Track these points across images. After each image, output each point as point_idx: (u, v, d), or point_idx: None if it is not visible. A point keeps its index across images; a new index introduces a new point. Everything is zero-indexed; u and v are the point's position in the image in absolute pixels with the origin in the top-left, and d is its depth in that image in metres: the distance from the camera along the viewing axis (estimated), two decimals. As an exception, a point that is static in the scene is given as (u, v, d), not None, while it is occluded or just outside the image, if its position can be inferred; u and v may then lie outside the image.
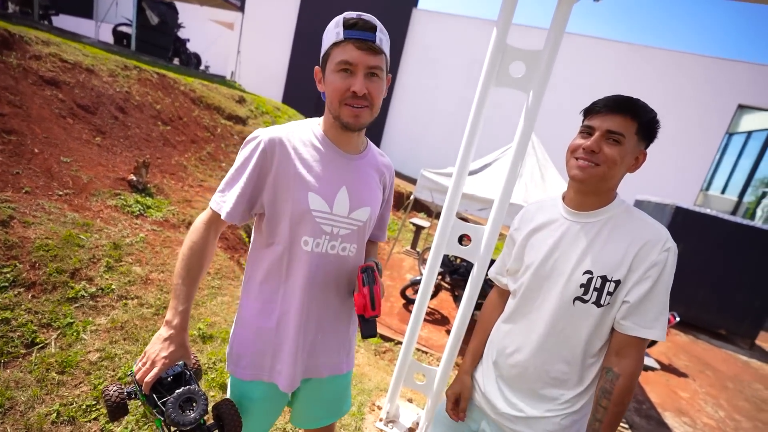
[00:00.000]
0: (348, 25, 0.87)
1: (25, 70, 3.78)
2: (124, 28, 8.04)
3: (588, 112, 1.01)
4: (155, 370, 0.83)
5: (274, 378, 1.02)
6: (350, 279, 1.07)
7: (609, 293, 0.96)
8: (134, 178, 3.44)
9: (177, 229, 3.26)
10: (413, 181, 9.88)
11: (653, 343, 5.00)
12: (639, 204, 8.16)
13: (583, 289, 0.98)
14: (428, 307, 5.16)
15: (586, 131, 0.99)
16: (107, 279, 2.29)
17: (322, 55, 0.94)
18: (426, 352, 3.98)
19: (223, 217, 0.93)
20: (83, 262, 2.28)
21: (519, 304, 1.11)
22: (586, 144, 0.97)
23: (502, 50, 1.50)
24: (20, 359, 1.71)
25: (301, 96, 13.97)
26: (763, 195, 11.69)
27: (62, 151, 3.25)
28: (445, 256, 4.70)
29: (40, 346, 1.78)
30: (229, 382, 1.10)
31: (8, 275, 1.98)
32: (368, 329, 0.97)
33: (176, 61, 8.98)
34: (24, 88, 3.56)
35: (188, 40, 9.32)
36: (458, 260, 4.79)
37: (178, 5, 9.13)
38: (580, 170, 0.98)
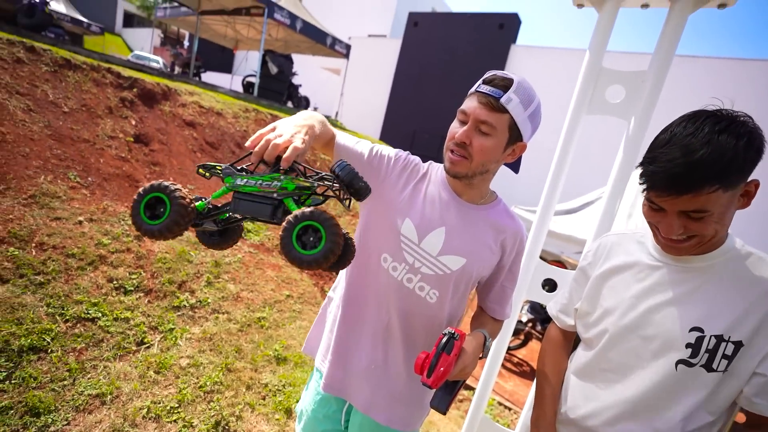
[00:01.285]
0: (485, 81, 0.89)
1: (174, 115, 4.67)
2: (250, 79, 9.53)
3: (647, 186, 0.78)
4: (298, 141, 0.67)
5: (322, 370, 1.06)
6: (428, 329, 0.99)
7: (726, 357, 0.76)
8: (241, 205, 3.91)
9: (270, 252, 3.55)
10: (504, 218, 9.39)
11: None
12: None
13: (690, 350, 0.78)
14: (517, 357, 4.68)
15: (656, 207, 0.79)
16: (206, 293, 2.56)
17: None
18: (509, 408, 3.55)
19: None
20: (189, 276, 2.60)
21: (597, 359, 0.91)
22: (663, 231, 0.79)
23: (597, 73, 1.34)
24: (131, 355, 1.97)
25: (398, 133, 14.64)
26: None
27: (189, 180, 3.87)
28: (537, 303, 4.26)
29: (147, 345, 2.04)
30: None
31: (134, 281, 2.35)
32: (437, 398, 0.85)
33: (290, 104, 10.26)
34: (170, 129, 4.38)
35: (300, 85, 10.60)
36: (551, 291, 4.28)
37: (295, 56, 10.54)
38: (673, 250, 0.82)
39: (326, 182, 0.66)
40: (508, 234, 0.99)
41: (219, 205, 0.69)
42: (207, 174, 0.68)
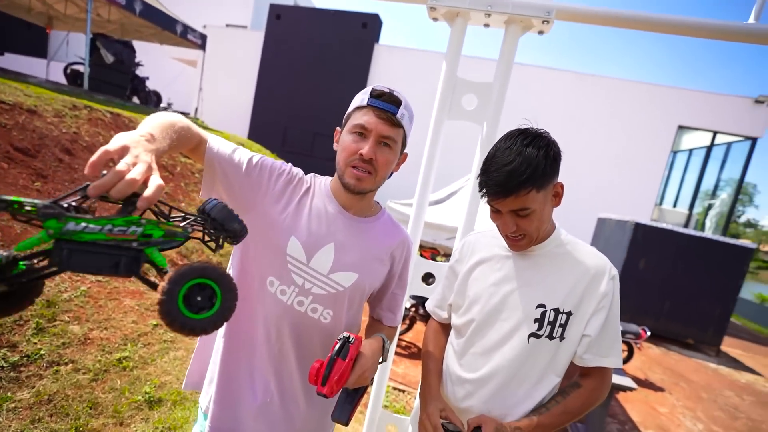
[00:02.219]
0: (374, 95, 0.89)
1: (-45, 113, 3.50)
2: (77, 67, 7.78)
3: (487, 195, 0.95)
4: (158, 178, 0.52)
5: (207, 412, 0.94)
6: (325, 349, 0.94)
7: (561, 325, 0.96)
8: (78, 225, 3.17)
9: (127, 278, 2.99)
10: (383, 210, 9.84)
11: (627, 360, 5.04)
12: (602, 222, 8.48)
13: (537, 324, 0.96)
14: (405, 341, 4.99)
15: (495, 210, 0.97)
16: (35, 344, 2.02)
17: (345, 115, 0.96)
18: (403, 390, 3.78)
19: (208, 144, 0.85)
20: (5, 326, 2.01)
21: (466, 345, 1.05)
22: (504, 229, 0.98)
23: (453, 83, 1.49)
24: None
25: (267, 132, 13.92)
26: (709, 207, 12.52)
27: (-7, 200, 2.96)
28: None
29: (-59, 435, 1.50)
30: None
31: None
32: (337, 410, 0.81)
33: (135, 99, 8.74)
34: (-48, 132, 3.27)
35: (147, 78, 9.13)
36: (429, 284, 4.69)
37: (137, 44, 9.00)
38: (514, 246, 1.00)
39: (196, 226, 0.55)
40: (395, 244, 1.02)
41: (23, 257, 0.46)
42: (9, 210, 0.43)
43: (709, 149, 11.79)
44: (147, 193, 0.48)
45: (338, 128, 0.99)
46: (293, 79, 14.01)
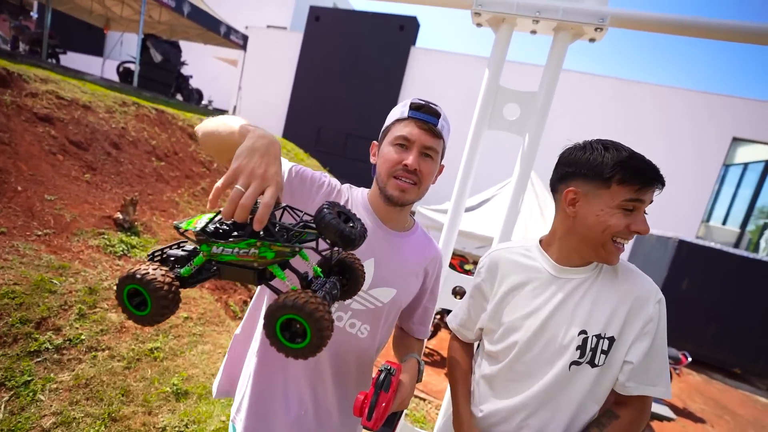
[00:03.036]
0: (414, 107, 0.89)
1: (19, 107, 3.77)
2: (128, 65, 8.23)
3: (635, 182, 0.85)
4: (272, 190, 0.55)
5: (238, 425, 0.93)
6: (360, 365, 0.97)
7: (603, 352, 0.89)
8: (120, 216, 3.34)
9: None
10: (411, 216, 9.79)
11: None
12: (640, 238, 8.03)
13: (579, 351, 0.90)
14: (428, 348, 4.91)
15: (633, 206, 0.87)
16: (77, 328, 2.12)
17: (382, 130, 0.95)
18: (424, 399, 3.71)
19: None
20: (52, 310, 2.12)
21: (504, 372, 0.99)
22: (639, 227, 0.87)
23: (495, 92, 1.43)
24: (-35, 426, 1.53)
25: (302, 131, 14.20)
26: (765, 226, 11.57)
27: (47, 189, 3.17)
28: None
29: (-11, 410, 1.60)
30: None
31: (-34, 327, 1.82)
32: None
33: (179, 97, 9.15)
34: (15, 125, 3.53)
35: (191, 76, 9.53)
36: (457, 297, 4.60)
37: (183, 43, 9.42)
38: (618, 254, 0.91)
39: (310, 237, 0.59)
40: (429, 259, 1.01)
41: (204, 266, 0.59)
42: (182, 233, 0.59)
43: (767, 164, 10.91)
44: (257, 215, 0.53)
45: (374, 142, 0.98)
46: (329, 80, 14.22)
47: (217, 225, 0.57)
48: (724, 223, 12.31)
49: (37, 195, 3.04)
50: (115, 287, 0.52)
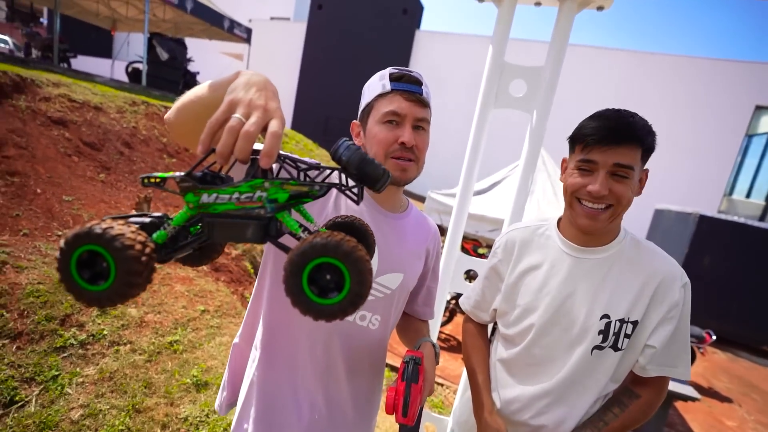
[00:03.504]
0: (395, 78, 0.84)
1: (34, 112, 3.85)
2: (136, 65, 8.32)
3: (582, 142, 0.86)
4: (278, 121, 0.45)
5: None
6: (373, 358, 0.93)
7: (626, 336, 0.87)
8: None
9: (177, 264, 3.17)
10: (422, 201, 9.76)
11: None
12: (659, 213, 7.81)
13: (601, 336, 0.87)
14: (444, 333, 4.93)
15: (586, 167, 0.85)
16: (99, 324, 2.19)
17: (362, 108, 0.89)
18: (441, 384, 3.74)
19: None
20: (75, 307, 2.19)
21: (521, 356, 0.97)
22: (593, 188, 0.83)
23: (500, 68, 1.38)
24: (-1, 420, 1.60)
25: (310, 121, 14.19)
26: (793, 198, 11.12)
27: (65, 190, 3.25)
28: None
29: (20, 404, 1.67)
30: None
31: (-5, 325, 1.90)
32: (407, 428, 0.78)
33: (186, 94, 9.21)
34: (31, 129, 3.61)
35: (198, 73, 9.57)
36: (471, 281, 4.57)
37: (188, 40, 9.45)
38: (590, 218, 0.85)
39: (331, 178, 0.49)
40: (429, 238, 0.98)
41: (187, 226, 0.47)
42: (157, 185, 0.46)
43: (794, 133, 10.43)
44: (265, 147, 0.42)
45: (355, 122, 0.92)
46: (334, 68, 14.12)
47: (203, 172, 0.45)
48: (747, 196, 11.87)
49: (56, 196, 3.12)
50: (57, 252, 0.38)
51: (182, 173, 0.43)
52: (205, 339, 2.52)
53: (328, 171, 0.51)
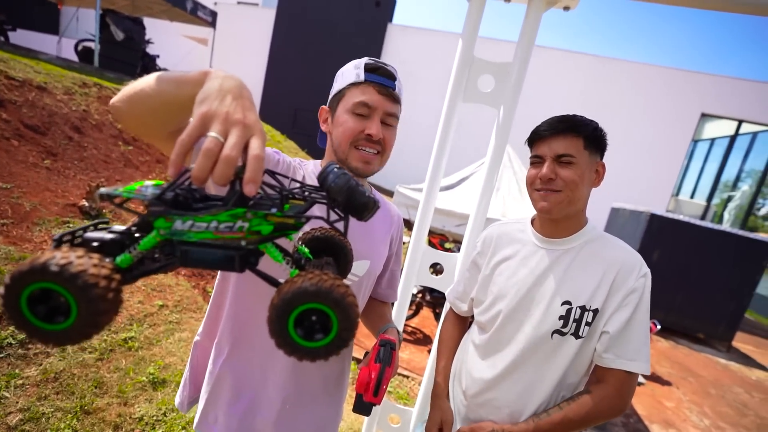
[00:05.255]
0: (369, 69, 0.84)
1: (-36, 89, 3.49)
2: (87, 44, 7.72)
3: (532, 141, 0.98)
4: (260, 139, 0.40)
5: (209, 429, 0.86)
6: None
7: (587, 323, 0.90)
8: (86, 204, 3.18)
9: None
10: (390, 195, 9.78)
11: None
12: (615, 212, 8.28)
13: (562, 321, 0.91)
14: (409, 326, 4.98)
15: (537, 161, 0.96)
16: (43, 321, 2.03)
17: (333, 94, 0.88)
18: (407, 376, 3.78)
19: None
20: (14, 304, 2.02)
21: (491, 340, 1.02)
22: (541, 173, 0.93)
23: (469, 62, 1.39)
24: (-76, 427, 1.45)
25: (278, 112, 13.80)
26: (729, 199, 12.14)
27: (2, 177, 2.97)
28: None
29: (-52, 410, 1.52)
30: None
31: None
32: (361, 408, 0.80)
33: (144, 77, 8.67)
34: (-39, 108, 3.27)
35: (158, 56, 9.03)
36: (437, 275, 4.65)
37: (147, 21, 8.88)
38: (544, 200, 0.94)
39: (318, 200, 0.46)
40: (393, 224, 1.00)
41: (153, 247, 0.41)
42: (119, 206, 0.40)
43: (732, 138, 11.35)
44: (247, 174, 0.37)
45: (324, 107, 0.92)
46: (304, 59, 13.79)
47: (176, 192, 0.40)
48: (692, 196, 12.85)
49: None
50: (1, 288, 0.32)
51: (151, 191, 0.38)
52: (163, 335, 2.40)
53: (317, 198, 0.46)
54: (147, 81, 0.57)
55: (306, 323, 0.38)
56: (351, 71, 0.85)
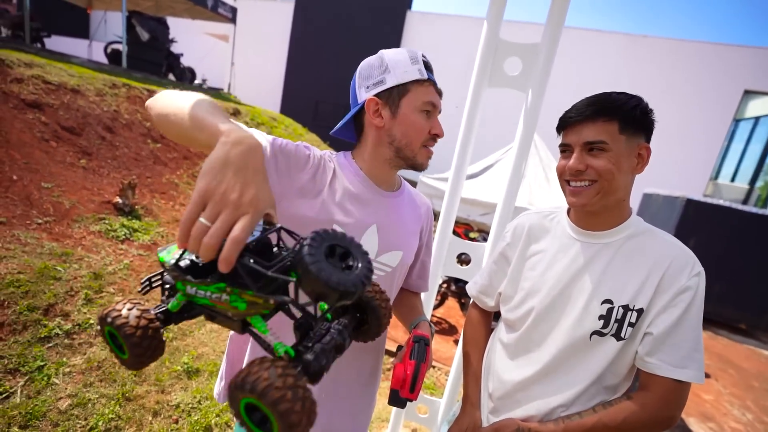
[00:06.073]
0: (427, 66, 0.86)
1: (6, 94, 3.68)
2: (116, 46, 7.98)
3: (561, 128, 0.89)
4: (246, 221, 0.41)
5: None
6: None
7: (631, 324, 0.82)
8: (120, 201, 3.31)
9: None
10: (414, 185, 9.71)
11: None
12: (648, 198, 7.92)
13: (602, 321, 0.83)
14: (435, 316, 4.97)
15: (566, 150, 0.88)
16: (85, 313, 2.14)
17: (391, 86, 0.83)
18: (434, 366, 3.78)
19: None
20: (59, 297, 2.13)
21: (521, 340, 0.95)
22: (569, 165, 0.85)
23: (495, 45, 1.34)
24: (-18, 412, 1.56)
25: (299, 105, 13.91)
26: (775, 181, 11.37)
27: (43, 177, 3.13)
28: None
29: (4, 395, 1.63)
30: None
31: (-25, 316, 1.83)
32: (397, 402, 0.81)
33: (171, 76, 8.91)
34: (3, 112, 3.45)
35: (182, 54, 9.25)
36: (463, 265, 4.59)
37: (170, 20, 9.09)
38: (575, 196, 0.86)
39: (285, 293, 0.45)
40: (423, 214, 1.00)
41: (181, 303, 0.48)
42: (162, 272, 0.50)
43: (779, 116, 10.57)
44: (221, 255, 0.40)
45: (375, 98, 0.85)
46: (324, 51, 13.79)
47: (190, 260, 0.45)
48: (732, 179, 12.11)
49: (34, 183, 3.00)
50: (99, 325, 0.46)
51: (171, 263, 0.45)
52: (195, 326, 2.49)
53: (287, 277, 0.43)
54: (176, 105, 0.58)
55: (255, 415, 0.39)
56: (410, 66, 0.83)
